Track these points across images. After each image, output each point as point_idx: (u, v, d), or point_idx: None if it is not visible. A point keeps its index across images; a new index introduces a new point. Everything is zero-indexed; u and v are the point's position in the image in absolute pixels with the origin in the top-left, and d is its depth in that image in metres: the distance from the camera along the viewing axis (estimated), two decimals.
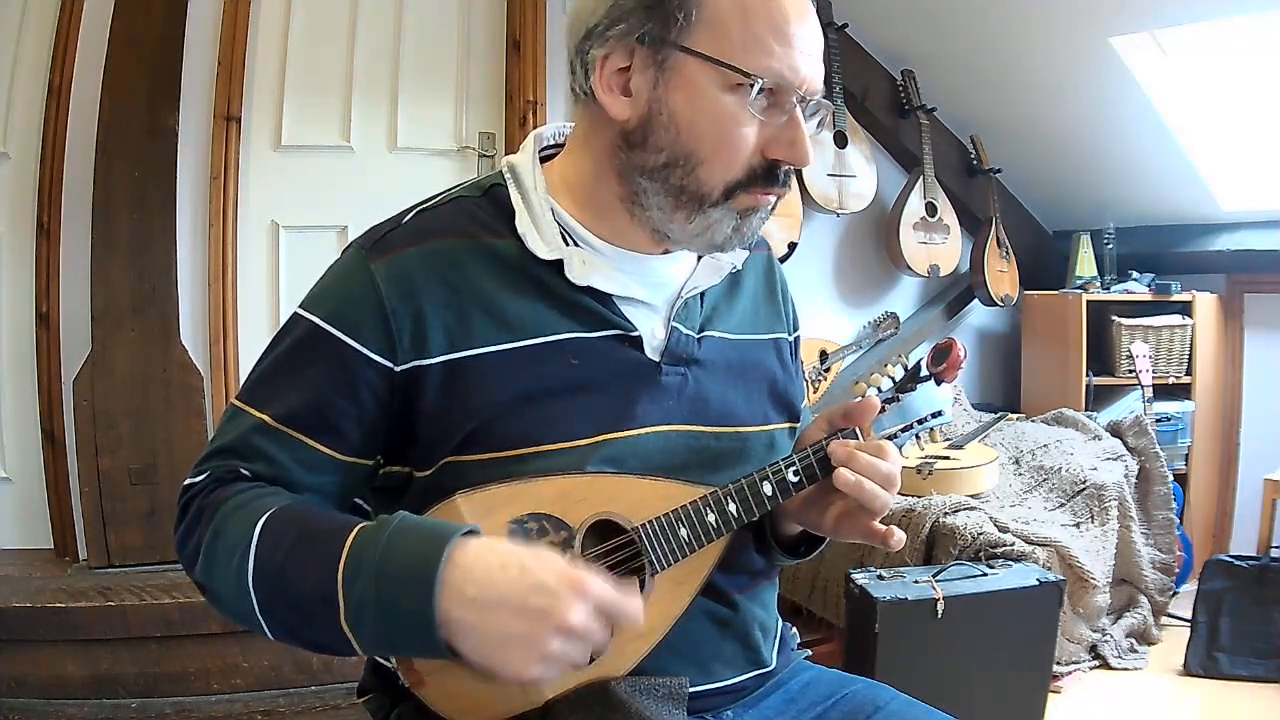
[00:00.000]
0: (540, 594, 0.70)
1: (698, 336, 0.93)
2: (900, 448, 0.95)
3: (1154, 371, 2.95)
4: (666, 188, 0.85)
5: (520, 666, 0.70)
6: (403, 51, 2.71)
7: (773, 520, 0.99)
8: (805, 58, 0.83)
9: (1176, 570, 2.67)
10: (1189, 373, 3.12)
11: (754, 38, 0.81)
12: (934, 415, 0.96)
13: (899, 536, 0.90)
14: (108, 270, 2.38)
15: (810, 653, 1.08)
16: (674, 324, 0.91)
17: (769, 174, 0.85)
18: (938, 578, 1.90)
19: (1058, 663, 2.24)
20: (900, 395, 0.96)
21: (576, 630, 0.70)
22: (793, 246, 2.96)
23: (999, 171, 3.39)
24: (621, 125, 0.85)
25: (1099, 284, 3.26)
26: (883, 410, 0.95)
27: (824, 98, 0.87)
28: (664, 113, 0.83)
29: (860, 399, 0.94)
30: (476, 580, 0.71)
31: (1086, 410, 3.05)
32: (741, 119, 0.82)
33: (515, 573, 0.71)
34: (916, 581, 1.88)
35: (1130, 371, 2.97)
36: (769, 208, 0.88)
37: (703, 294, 0.95)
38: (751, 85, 0.81)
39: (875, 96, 3.22)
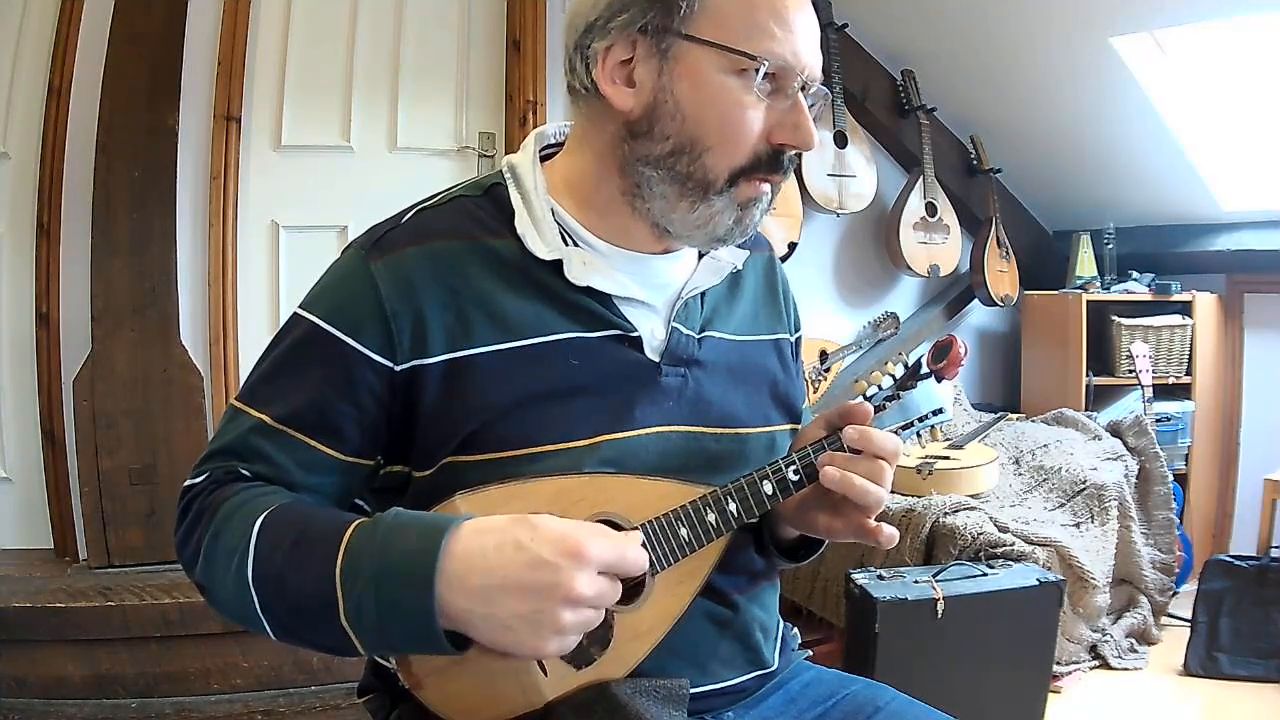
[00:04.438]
0: (541, 569, 0.70)
1: (698, 337, 0.93)
2: None
3: (1154, 371, 2.95)
4: (672, 175, 0.85)
5: (536, 643, 0.71)
6: (403, 51, 2.71)
7: (770, 524, 0.98)
8: (806, 43, 0.85)
9: (1176, 570, 2.67)
10: (1189, 373, 3.12)
11: (756, 23, 0.82)
12: (935, 413, 0.96)
13: (890, 533, 0.89)
14: (108, 270, 2.38)
15: (810, 653, 1.08)
16: (674, 325, 0.91)
17: (773, 160, 0.86)
18: (938, 578, 1.90)
19: (1058, 663, 2.24)
20: (901, 393, 0.95)
21: (584, 599, 0.71)
22: (793, 246, 2.96)
23: (999, 171, 3.39)
24: (625, 116, 0.86)
25: (1099, 284, 3.25)
26: (884, 408, 0.95)
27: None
28: (669, 100, 0.84)
29: (858, 399, 0.94)
30: (477, 568, 0.71)
31: (1086, 410, 3.05)
32: (747, 102, 0.83)
33: (511, 551, 0.71)
34: (916, 581, 1.88)
35: (1130, 371, 2.97)
36: (769, 198, 0.89)
37: (703, 294, 0.95)
38: (757, 69, 0.82)
39: (875, 96, 3.22)
